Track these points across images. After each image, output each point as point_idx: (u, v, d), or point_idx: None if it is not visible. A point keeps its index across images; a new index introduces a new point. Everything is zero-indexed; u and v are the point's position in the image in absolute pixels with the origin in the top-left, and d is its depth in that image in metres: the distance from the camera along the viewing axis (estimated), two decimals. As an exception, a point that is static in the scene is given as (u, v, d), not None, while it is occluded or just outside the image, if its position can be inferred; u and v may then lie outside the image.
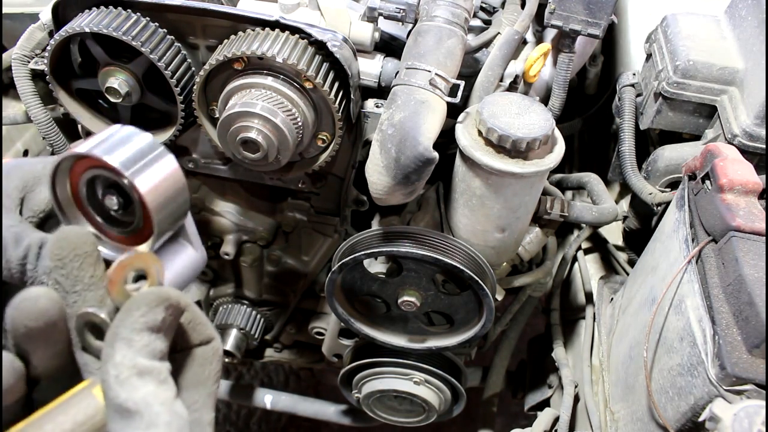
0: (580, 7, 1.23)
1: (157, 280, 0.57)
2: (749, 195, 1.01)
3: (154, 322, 0.52)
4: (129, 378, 0.50)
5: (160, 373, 0.51)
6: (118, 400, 0.49)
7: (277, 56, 0.98)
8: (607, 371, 1.31)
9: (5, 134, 1.65)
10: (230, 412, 2.58)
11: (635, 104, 1.41)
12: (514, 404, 1.73)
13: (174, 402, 0.51)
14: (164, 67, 1.03)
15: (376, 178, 0.96)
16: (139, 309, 0.52)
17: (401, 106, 0.96)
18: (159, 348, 0.52)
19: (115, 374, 0.50)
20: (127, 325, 0.51)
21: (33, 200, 0.69)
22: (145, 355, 0.51)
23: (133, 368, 0.50)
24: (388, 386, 1.36)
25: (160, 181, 0.65)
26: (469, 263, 1.08)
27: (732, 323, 0.89)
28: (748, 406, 0.82)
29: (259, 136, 0.99)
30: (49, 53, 1.05)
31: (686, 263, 1.01)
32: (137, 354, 0.51)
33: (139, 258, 0.57)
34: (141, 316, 0.52)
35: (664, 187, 1.35)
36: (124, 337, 0.51)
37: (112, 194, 0.67)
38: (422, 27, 1.07)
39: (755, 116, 1.17)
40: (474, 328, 1.18)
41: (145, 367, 0.50)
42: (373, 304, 1.23)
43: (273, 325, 1.64)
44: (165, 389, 0.51)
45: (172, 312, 0.54)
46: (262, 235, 1.42)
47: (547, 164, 1.02)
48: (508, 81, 1.25)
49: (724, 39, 1.31)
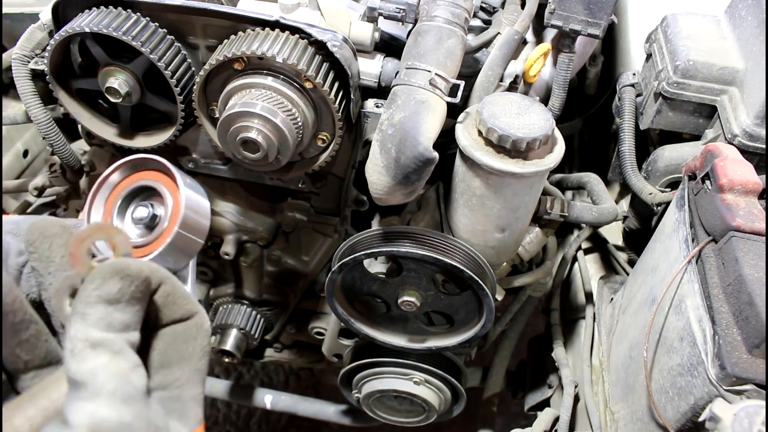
0: (580, 7, 1.23)
1: (124, 252, 0.56)
2: (749, 195, 1.01)
3: (108, 294, 0.52)
4: (82, 351, 0.50)
5: (115, 345, 0.51)
6: (69, 373, 0.49)
7: (277, 56, 0.98)
8: (607, 371, 1.31)
9: (5, 134, 1.65)
10: (230, 412, 2.58)
11: (635, 104, 1.41)
12: (514, 404, 1.73)
13: (131, 372, 0.51)
14: (164, 67, 1.03)
15: (376, 178, 0.96)
16: (93, 282, 0.52)
17: (401, 106, 0.96)
18: (118, 320, 0.52)
19: (70, 348, 0.50)
20: (82, 299, 0.52)
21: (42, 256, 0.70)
22: (101, 328, 0.51)
23: (86, 341, 0.50)
24: (388, 386, 1.36)
25: (196, 212, 0.72)
26: (469, 263, 1.08)
27: (732, 323, 0.89)
28: (748, 406, 0.82)
29: (259, 136, 0.99)
30: (49, 53, 1.05)
31: (686, 263, 1.01)
32: (90, 327, 0.51)
33: (99, 229, 0.56)
34: (94, 289, 0.52)
35: (664, 187, 1.35)
36: (78, 311, 0.51)
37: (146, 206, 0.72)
38: (422, 27, 1.07)
39: (755, 116, 1.17)
40: (474, 328, 1.18)
41: (97, 339, 0.51)
42: (373, 304, 1.23)
43: (273, 325, 1.64)
44: (119, 360, 0.51)
45: (132, 282, 0.53)
46: (262, 235, 1.42)
47: (547, 164, 1.02)
48: (508, 81, 1.25)
49: (724, 39, 1.31)
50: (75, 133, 1.37)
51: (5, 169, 1.65)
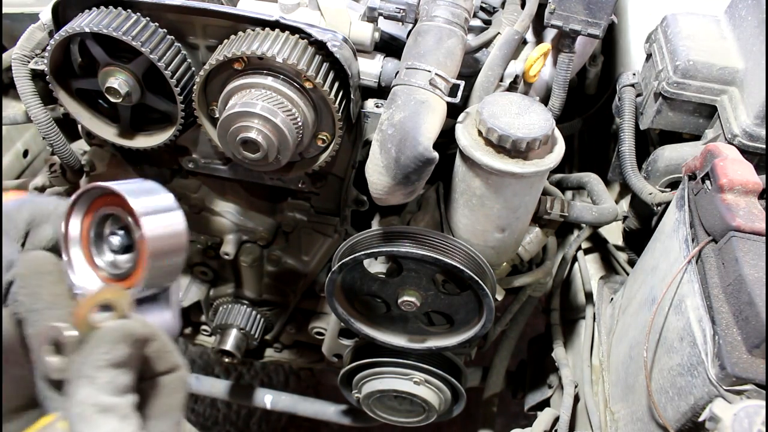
0: (580, 7, 1.23)
1: (123, 313, 0.57)
2: (749, 195, 1.01)
3: (117, 359, 0.53)
4: (92, 416, 0.51)
5: (123, 409, 0.52)
6: None
7: (277, 56, 0.98)
8: (607, 371, 1.31)
9: (5, 134, 1.65)
10: (230, 412, 2.58)
11: (635, 104, 1.41)
12: (514, 404, 1.73)
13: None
14: (164, 67, 1.03)
15: (376, 178, 0.96)
16: (103, 346, 0.53)
17: (401, 106, 0.96)
18: (122, 383, 0.53)
19: (79, 412, 0.51)
20: (90, 363, 0.52)
21: (37, 235, 0.71)
22: (108, 392, 0.52)
23: (96, 406, 0.51)
24: (388, 386, 1.36)
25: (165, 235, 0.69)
26: (469, 263, 1.08)
27: (732, 323, 0.89)
28: (748, 406, 0.82)
29: (259, 136, 0.99)
30: (49, 53, 1.05)
31: (686, 263, 1.01)
32: (99, 391, 0.52)
33: (107, 291, 0.57)
34: (104, 354, 0.53)
35: (664, 187, 1.35)
36: (87, 375, 0.52)
37: (117, 234, 0.71)
38: (422, 27, 1.07)
39: (755, 116, 1.17)
40: (474, 328, 1.18)
41: (108, 404, 0.51)
42: (373, 304, 1.23)
43: (273, 325, 1.64)
44: (127, 425, 0.52)
45: (138, 346, 0.55)
46: (262, 235, 1.42)
47: (547, 164, 1.02)
48: (508, 81, 1.25)
49: (724, 39, 1.31)
50: (75, 133, 1.37)
51: (5, 169, 1.65)
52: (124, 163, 1.33)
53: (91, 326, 0.55)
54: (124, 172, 1.33)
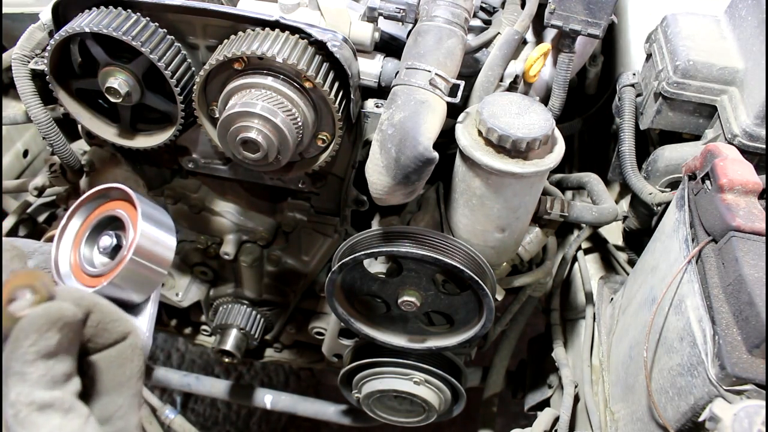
0: (580, 7, 1.23)
1: (47, 294, 0.50)
2: (749, 195, 1.01)
3: (48, 348, 0.47)
4: (29, 416, 0.45)
5: (64, 402, 0.47)
6: None
7: (277, 56, 0.98)
8: (607, 371, 1.31)
9: (5, 134, 1.65)
10: (230, 412, 2.58)
11: (635, 104, 1.41)
12: (514, 404, 1.73)
13: (85, 427, 0.47)
14: (164, 67, 1.03)
15: (376, 178, 0.96)
16: (28, 337, 0.46)
17: (401, 106, 0.96)
18: (59, 372, 0.47)
19: (13, 414, 0.45)
20: (18, 358, 0.46)
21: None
22: (44, 386, 0.46)
23: (32, 404, 0.45)
24: (388, 386, 1.36)
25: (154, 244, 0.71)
26: (469, 263, 1.08)
27: (732, 323, 0.89)
28: (748, 406, 0.82)
29: (259, 136, 0.99)
30: (49, 53, 1.05)
31: (686, 263, 1.01)
32: (34, 387, 0.46)
33: (20, 277, 0.50)
34: (31, 346, 0.46)
35: (664, 187, 1.35)
36: (16, 372, 0.46)
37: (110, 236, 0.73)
38: (422, 27, 1.07)
39: (755, 116, 1.17)
40: (474, 328, 1.18)
41: (45, 400, 0.46)
42: (373, 304, 1.23)
43: (273, 325, 1.64)
44: (72, 418, 0.46)
45: (69, 328, 0.48)
46: (262, 235, 1.42)
47: (547, 164, 1.02)
48: (508, 81, 1.25)
49: (724, 39, 1.31)
50: (75, 133, 1.37)
51: (5, 169, 1.65)
52: (124, 162, 1.33)
53: (13, 318, 0.47)
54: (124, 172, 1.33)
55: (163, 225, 0.73)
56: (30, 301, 0.49)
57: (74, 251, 0.74)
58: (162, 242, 0.72)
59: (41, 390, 0.46)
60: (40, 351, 0.47)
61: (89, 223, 0.74)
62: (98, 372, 0.53)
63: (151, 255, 0.70)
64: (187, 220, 1.44)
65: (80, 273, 0.73)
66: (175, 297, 1.55)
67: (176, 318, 1.78)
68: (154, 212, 0.72)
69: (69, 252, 0.74)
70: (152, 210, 0.72)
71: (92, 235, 0.74)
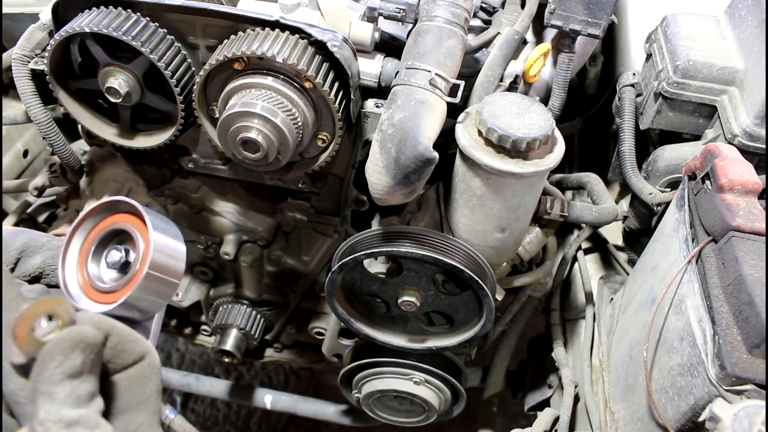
0: (580, 7, 1.23)
1: (69, 319, 0.54)
2: (749, 195, 1.01)
3: (73, 369, 0.51)
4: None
5: (89, 420, 0.50)
6: None
7: (277, 56, 0.98)
8: (607, 371, 1.31)
9: (5, 134, 1.65)
10: (230, 412, 2.58)
11: (635, 104, 1.41)
12: (514, 404, 1.73)
13: None
14: (164, 67, 1.03)
15: (376, 178, 0.96)
16: (54, 359, 0.50)
17: (401, 106, 0.96)
18: (84, 391, 0.51)
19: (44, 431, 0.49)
20: (46, 379, 0.50)
21: (26, 264, 0.72)
22: (70, 405, 0.50)
23: (60, 422, 0.49)
24: (388, 386, 1.36)
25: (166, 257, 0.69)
26: (469, 263, 1.08)
27: (732, 323, 0.89)
28: (748, 406, 0.82)
29: (259, 136, 0.99)
30: (49, 53, 1.05)
31: (686, 263, 1.01)
32: (61, 406, 0.50)
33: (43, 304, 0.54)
34: (57, 367, 0.50)
35: (664, 187, 1.35)
36: (44, 392, 0.50)
37: (119, 250, 0.71)
38: (422, 27, 1.07)
39: (755, 116, 1.17)
40: (474, 328, 1.18)
41: (72, 417, 0.49)
42: (373, 304, 1.23)
43: (273, 325, 1.64)
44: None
45: (92, 350, 0.52)
46: (262, 235, 1.42)
47: (547, 164, 1.02)
48: (508, 81, 1.25)
49: (724, 39, 1.31)
50: (75, 133, 1.37)
51: (5, 169, 1.65)
52: (124, 162, 1.33)
53: (38, 342, 0.52)
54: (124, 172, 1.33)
55: (171, 234, 0.71)
56: (53, 327, 0.53)
57: (81, 269, 0.72)
58: (174, 253, 0.71)
59: (68, 408, 0.50)
60: (66, 372, 0.50)
61: (93, 238, 0.73)
62: (119, 391, 0.57)
63: (165, 267, 0.69)
64: (187, 220, 1.44)
65: (91, 290, 0.71)
66: (175, 297, 1.55)
67: (176, 318, 1.78)
68: (161, 223, 0.71)
69: (75, 270, 0.72)
70: (160, 221, 0.71)
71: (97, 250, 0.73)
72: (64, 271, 0.71)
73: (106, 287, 0.70)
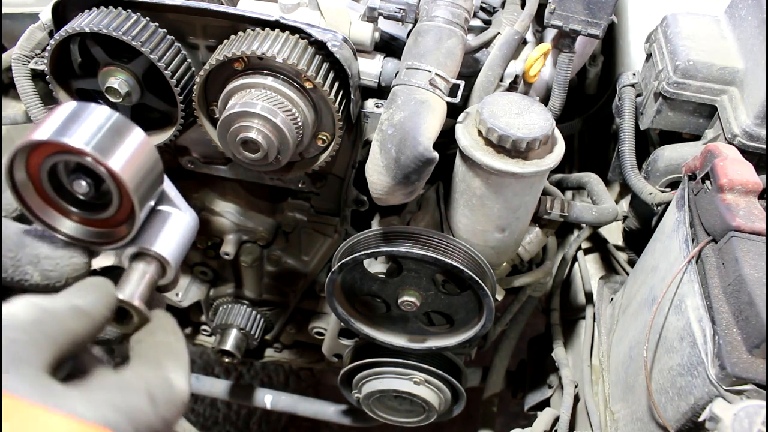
0: (580, 7, 1.23)
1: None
2: (749, 195, 1.01)
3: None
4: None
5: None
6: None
7: (277, 56, 0.98)
8: (607, 371, 1.31)
9: (5, 134, 1.65)
10: (230, 412, 2.58)
11: (635, 104, 1.41)
12: (514, 404, 1.73)
13: None
14: (164, 67, 1.03)
15: (376, 178, 0.96)
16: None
17: (401, 106, 0.96)
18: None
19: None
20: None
21: (7, 196, 0.67)
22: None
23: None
24: (388, 386, 1.36)
25: (132, 155, 0.62)
26: (469, 263, 1.08)
27: (732, 323, 0.89)
28: (748, 406, 0.82)
29: (259, 136, 0.99)
30: (49, 53, 1.05)
31: (686, 263, 1.01)
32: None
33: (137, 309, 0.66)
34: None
35: (664, 187, 1.35)
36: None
37: (79, 178, 0.63)
38: (422, 27, 1.07)
39: (755, 116, 1.17)
40: (474, 328, 1.18)
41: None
42: (373, 304, 1.23)
43: (273, 325, 1.64)
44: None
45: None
46: (262, 235, 1.42)
47: (547, 164, 1.02)
48: (508, 81, 1.25)
49: (724, 39, 1.31)
50: (75, 133, 1.36)
51: (5, 169, 1.65)
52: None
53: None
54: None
55: (106, 128, 0.62)
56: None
57: (58, 210, 0.67)
58: (130, 142, 0.63)
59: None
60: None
61: (40, 182, 0.65)
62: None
63: (137, 163, 0.62)
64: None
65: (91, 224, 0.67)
66: (175, 297, 1.55)
67: (176, 318, 1.77)
68: (86, 129, 0.60)
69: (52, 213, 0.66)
70: (82, 127, 0.60)
71: (56, 188, 0.66)
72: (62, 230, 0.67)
73: (106, 214, 0.66)
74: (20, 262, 0.63)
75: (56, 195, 0.66)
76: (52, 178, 0.65)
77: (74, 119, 0.61)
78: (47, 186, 0.65)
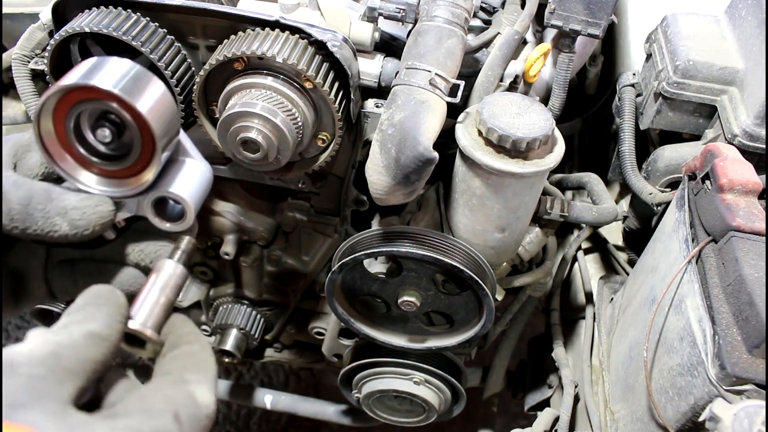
0: (580, 7, 1.23)
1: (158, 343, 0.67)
2: (749, 195, 1.01)
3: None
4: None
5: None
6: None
7: (277, 56, 0.98)
8: (607, 371, 1.31)
9: (5, 134, 1.65)
10: (230, 412, 2.58)
11: (635, 104, 1.41)
12: (514, 404, 1.73)
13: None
14: (164, 67, 1.03)
15: (376, 178, 0.96)
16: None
17: (401, 106, 0.96)
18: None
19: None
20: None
21: (26, 165, 0.71)
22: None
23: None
24: (388, 386, 1.36)
25: (155, 101, 0.66)
26: (469, 263, 1.08)
27: (732, 323, 0.89)
28: (748, 406, 0.82)
29: (259, 136, 0.99)
30: (49, 53, 1.05)
31: (686, 263, 1.01)
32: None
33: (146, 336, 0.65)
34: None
35: (664, 187, 1.35)
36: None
37: (103, 126, 0.66)
38: (422, 27, 1.07)
39: (755, 116, 1.17)
40: (474, 328, 1.18)
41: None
42: (373, 304, 1.23)
43: (273, 325, 1.64)
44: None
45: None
46: (262, 235, 1.42)
47: (547, 164, 1.02)
48: (508, 81, 1.25)
49: (724, 39, 1.31)
50: (75, 133, 1.37)
51: (5, 169, 1.65)
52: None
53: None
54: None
55: (131, 77, 0.65)
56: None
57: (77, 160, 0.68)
58: (154, 90, 0.67)
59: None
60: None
61: (66, 131, 0.67)
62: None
63: (160, 109, 0.65)
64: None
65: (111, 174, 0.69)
66: (175, 297, 1.55)
67: (176, 318, 1.78)
68: (113, 76, 0.63)
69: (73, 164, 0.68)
70: (110, 75, 0.63)
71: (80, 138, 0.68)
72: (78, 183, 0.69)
73: (125, 163, 0.68)
74: (49, 214, 0.65)
75: (80, 146, 0.69)
76: (76, 130, 0.68)
77: (98, 68, 0.65)
78: (71, 137, 0.68)
